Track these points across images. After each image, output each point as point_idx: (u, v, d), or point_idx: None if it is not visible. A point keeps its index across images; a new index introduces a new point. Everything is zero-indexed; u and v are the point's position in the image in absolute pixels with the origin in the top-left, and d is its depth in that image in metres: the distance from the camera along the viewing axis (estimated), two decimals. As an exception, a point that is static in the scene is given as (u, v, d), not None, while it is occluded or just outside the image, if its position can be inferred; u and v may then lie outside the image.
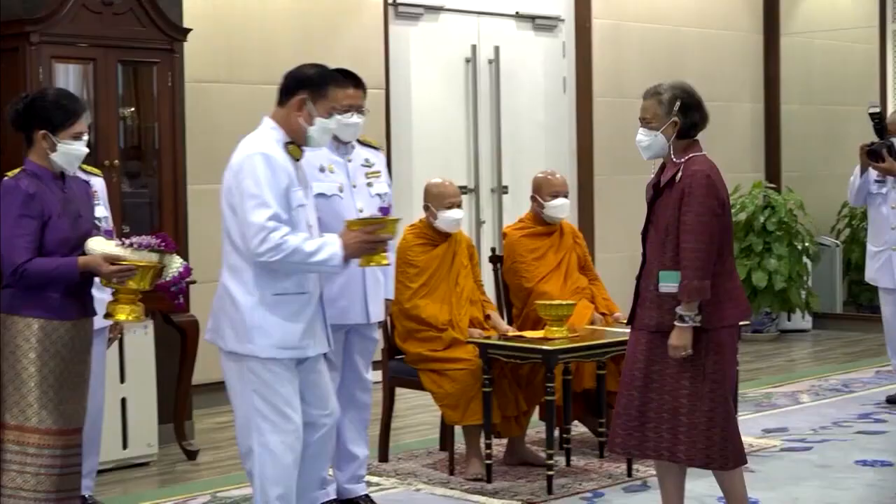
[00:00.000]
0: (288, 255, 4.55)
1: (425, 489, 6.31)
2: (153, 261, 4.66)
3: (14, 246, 4.55)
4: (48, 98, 4.77)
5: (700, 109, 5.01)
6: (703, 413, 4.81)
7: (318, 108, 4.75)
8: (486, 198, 10.26)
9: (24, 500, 4.59)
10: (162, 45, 7.14)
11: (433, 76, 9.90)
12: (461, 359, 6.44)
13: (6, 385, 4.61)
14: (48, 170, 4.70)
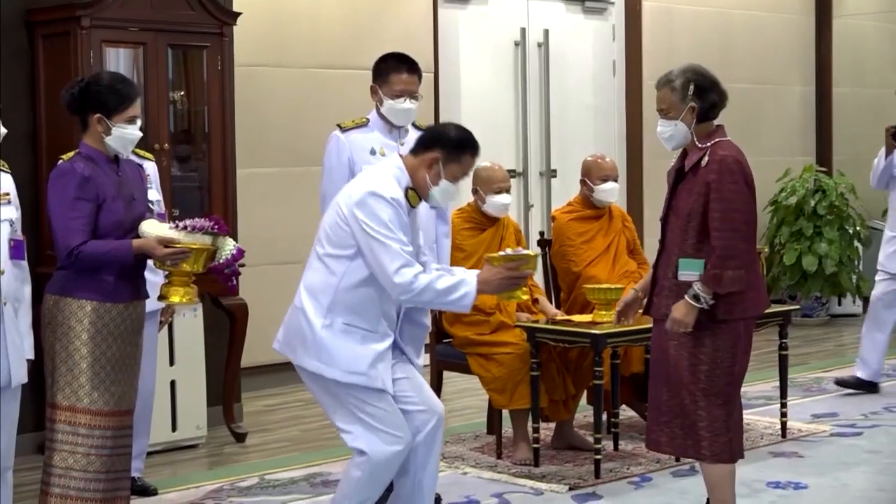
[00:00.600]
0: (417, 294, 4.59)
1: (472, 473, 6.31)
2: (206, 243, 4.66)
3: (69, 228, 4.56)
4: (103, 82, 4.77)
5: (716, 89, 4.89)
6: (720, 406, 4.71)
7: (447, 172, 4.73)
8: (535, 181, 10.24)
9: (74, 479, 4.62)
10: (212, 30, 7.16)
11: (482, 60, 9.88)
12: (509, 343, 6.44)
13: (59, 366, 4.64)
14: (103, 153, 4.71)
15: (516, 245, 6.67)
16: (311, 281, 4.74)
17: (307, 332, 4.67)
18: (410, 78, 5.63)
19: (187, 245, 4.62)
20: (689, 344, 4.71)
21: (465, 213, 6.64)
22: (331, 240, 4.70)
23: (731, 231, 4.64)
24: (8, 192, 4.58)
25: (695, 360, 4.71)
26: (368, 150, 5.59)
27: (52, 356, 4.65)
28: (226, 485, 6.15)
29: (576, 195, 7.06)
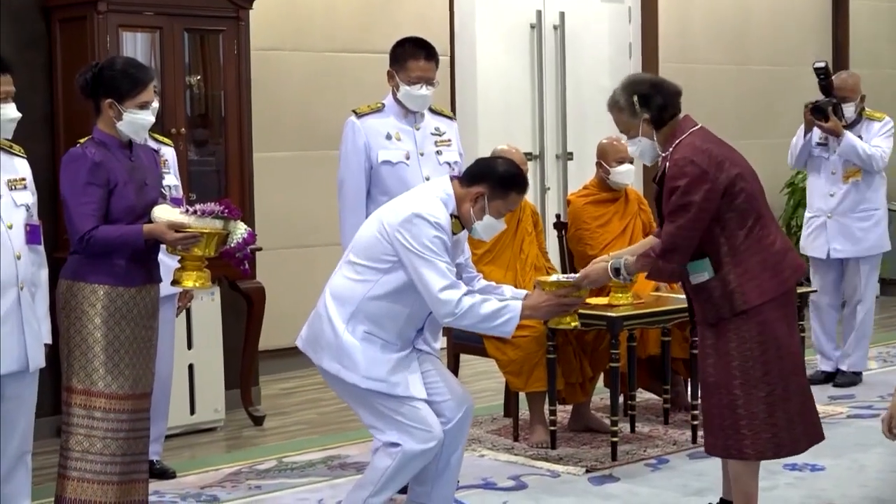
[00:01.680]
0: (460, 317, 4.58)
1: (489, 455, 6.31)
2: (217, 227, 4.64)
3: (81, 214, 4.55)
4: (116, 67, 4.75)
5: (660, 89, 4.72)
6: (762, 400, 4.58)
7: (491, 208, 4.72)
8: (551, 164, 10.23)
9: (91, 462, 4.62)
10: (228, 14, 7.15)
11: (498, 43, 9.86)
12: (525, 325, 6.40)
13: (73, 350, 4.64)
14: (115, 138, 4.70)
15: (532, 227, 6.66)
16: (337, 286, 4.74)
17: (330, 336, 4.68)
18: (428, 64, 5.62)
19: (198, 229, 4.60)
20: (718, 342, 4.62)
21: (482, 197, 6.61)
22: (366, 251, 4.69)
23: (674, 227, 4.52)
24: (24, 177, 4.58)
25: (725, 357, 4.61)
26: (384, 135, 5.59)
27: (67, 340, 4.65)
28: (244, 467, 6.15)
29: (592, 178, 7.04)
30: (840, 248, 7.65)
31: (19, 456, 4.61)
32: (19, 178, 4.56)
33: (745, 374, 4.58)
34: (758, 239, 4.61)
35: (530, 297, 4.71)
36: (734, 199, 4.56)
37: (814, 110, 7.59)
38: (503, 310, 4.61)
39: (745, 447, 4.62)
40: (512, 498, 5.62)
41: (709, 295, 4.60)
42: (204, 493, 5.71)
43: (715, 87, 10.93)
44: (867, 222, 7.64)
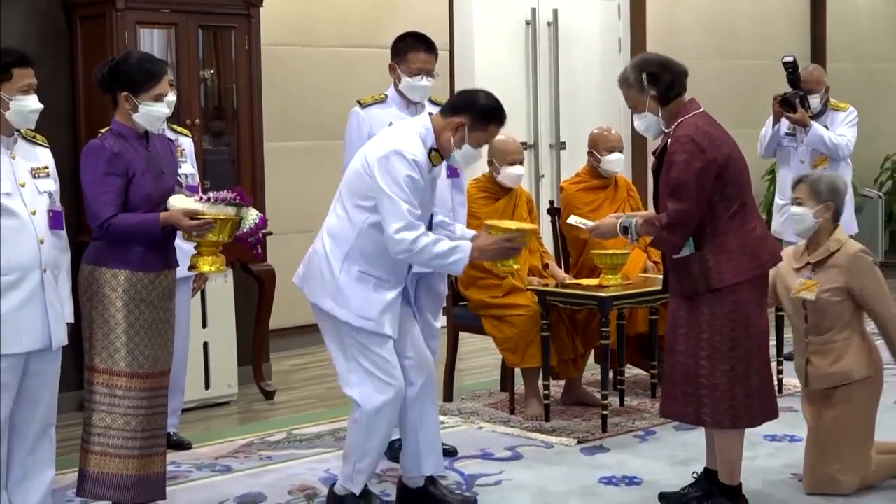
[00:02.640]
0: (414, 254, 4.64)
1: (487, 427, 6.32)
2: (230, 214, 4.64)
3: (100, 202, 4.56)
4: (131, 61, 4.74)
5: (668, 68, 4.72)
6: (724, 373, 4.59)
7: (471, 138, 4.76)
8: (545, 153, 10.23)
9: (112, 437, 4.63)
10: (239, 11, 7.15)
11: (495, 39, 9.85)
12: (521, 305, 6.43)
13: (95, 332, 4.64)
14: (132, 129, 4.69)
15: (527, 213, 6.66)
16: (332, 226, 4.81)
17: (326, 274, 4.74)
18: (427, 57, 5.62)
19: (212, 216, 4.60)
20: (690, 314, 4.64)
21: (480, 183, 6.63)
22: (353, 189, 4.76)
23: (681, 200, 4.53)
24: (47, 166, 4.57)
25: (695, 328, 4.62)
26: (387, 124, 5.58)
27: (90, 322, 4.66)
28: (255, 439, 6.17)
29: (583, 166, 7.04)
30: None
31: (44, 428, 4.61)
32: (42, 166, 4.55)
33: (713, 347, 4.59)
34: (740, 224, 4.61)
35: (478, 239, 4.79)
36: (725, 184, 4.57)
37: (782, 102, 7.62)
38: (454, 250, 4.70)
39: (703, 414, 4.65)
40: (508, 468, 5.63)
41: (687, 270, 4.61)
42: (218, 464, 5.73)
43: (701, 80, 10.84)
44: None
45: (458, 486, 5.36)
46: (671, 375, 4.75)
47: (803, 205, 5.12)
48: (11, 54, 4.46)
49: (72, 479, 5.45)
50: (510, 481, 5.43)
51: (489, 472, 5.55)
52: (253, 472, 5.61)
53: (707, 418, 4.67)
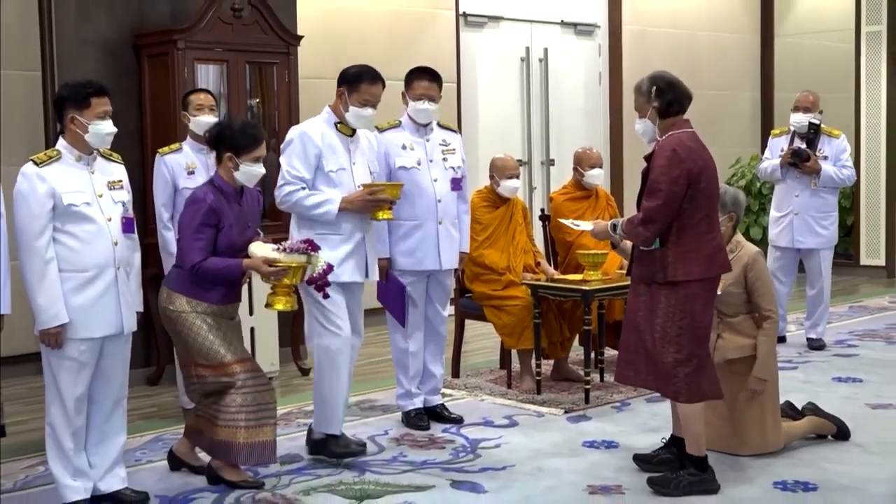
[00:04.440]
0: (291, 205, 5.00)
1: (488, 399, 6.33)
2: (301, 261, 4.66)
3: (193, 247, 4.61)
4: (235, 126, 4.78)
5: (674, 88, 4.66)
6: (671, 354, 4.55)
7: (352, 100, 5.01)
8: (537, 169, 10.22)
9: (232, 414, 4.66)
10: (280, 49, 7.17)
11: (495, 72, 9.85)
12: (516, 296, 6.44)
13: (188, 342, 4.68)
14: (231, 185, 4.73)
15: (523, 219, 6.66)
16: None
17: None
18: (430, 84, 5.61)
19: (287, 263, 4.63)
20: (648, 299, 4.61)
21: (483, 194, 6.63)
22: None
23: (654, 200, 4.48)
24: (121, 179, 4.59)
25: (653, 312, 4.59)
26: (400, 145, 5.59)
27: (177, 336, 4.73)
28: (293, 409, 6.18)
29: (569, 180, 7.03)
30: (803, 239, 7.55)
31: (117, 401, 4.62)
32: (117, 179, 4.57)
33: (664, 331, 4.56)
34: (702, 232, 4.57)
35: (349, 194, 4.99)
36: (696, 193, 4.53)
37: (794, 154, 7.38)
38: (325, 202, 4.97)
39: (649, 382, 4.67)
40: (506, 433, 5.63)
41: (651, 261, 4.59)
42: (262, 429, 5.74)
43: (668, 107, 10.90)
44: (827, 220, 7.55)
45: (464, 449, 5.36)
46: (632, 347, 4.69)
47: None
48: (91, 86, 4.47)
49: (139, 442, 5.49)
50: (508, 444, 5.43)
51: (490, 437, 5.55)
52: (291, 436, 5.61)
53: (652, 385, 4.69)
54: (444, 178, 5.64)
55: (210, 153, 5.95)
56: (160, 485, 4.85)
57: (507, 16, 9.91)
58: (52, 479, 4.56)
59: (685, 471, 4.67)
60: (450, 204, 5.65)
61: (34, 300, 4.33)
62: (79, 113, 4.41)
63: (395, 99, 5.74)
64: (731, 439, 5.11)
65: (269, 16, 7.08)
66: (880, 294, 9.96)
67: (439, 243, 5.63)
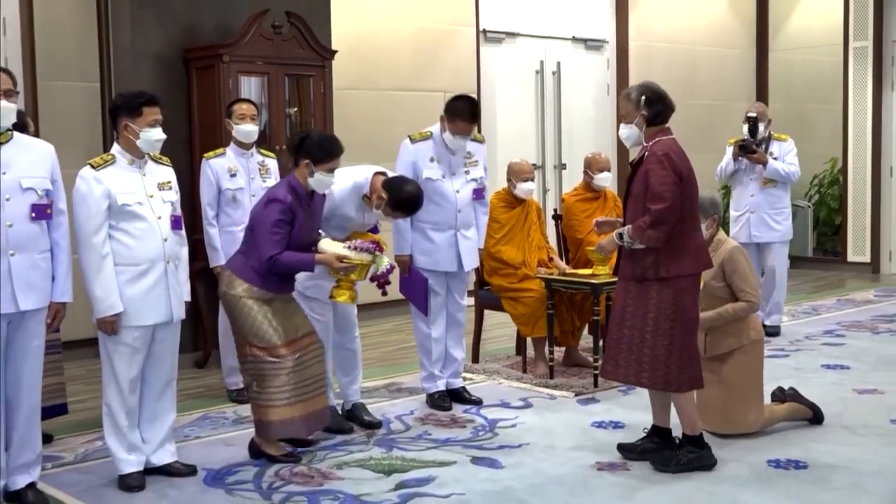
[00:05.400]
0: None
1: (505, 383, 6.31)
2: (368, 260, 4.67)
3: (270, 241, 4.60)
4: (314, 137, 4.79)
5: (662, 100, 4.57)
6: (664, 346, 4.48)
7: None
8: (550, 172, 10.18)
9: (285, 391, 4.66)
10: (316, 63, 7.17)
11: (512, 84, 9.81)
12: (531, 289, 6.41)
13: (243, 323, 4.68)
14: (304, 189, 4.73)
15: (536, 218, 6.62)
16: None
17: None
18: (471, 125, 5.50)
19: (355, 261, 4.63)
20: (640, 296, 4.52)
21: (500, 195, 6.60)
22: None
23: (661, 201, 4.40)
24: (170, 181, 4.59)
25: (644, 307, 4.50)
26: (429, 157, 5.54)
27: (234, 318, 4.71)
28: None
29: (580, 182, 7.00)
30: (759, 234, 7.58)
31: (167, 382, 4.63)
32: (166, 181, 4.57)
33: (657, 324, 4.48)
34: (686, 231, 4.50)
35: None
36: (683, 196, 4.47)
37: (741, 148, 7.46)
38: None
39: (642, 377, 4.55)
40: (522, 414, 5.61)
41: (641, 259, 4.51)
42: (299, 409, 5.73)
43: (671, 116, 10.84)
44: (780, 216, 7.60)
45: (483, 428, 5.34)
46: (616, 345, 4.61)
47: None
48: (143, 96, 4.48)
49: (188, 420, 5.50)
50: (523, 424, 5.41)
51: (507, 417, 5.53)
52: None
53: (645, 380, 4.57)
54: (466, 189, 5.61)
55: (251, 157, 6.00)
56: (207, 458, 4.85)
57: (523, 32, 9.87)
58: (109, 453, 4.58)
59: (684, 448, 4.62)
60: (468, 213, 5.63)
61: (92, 291, 4.34)
62: (131, 121, 4.41)
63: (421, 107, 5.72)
64: (719, 420, 5.05)
65: (306, 32, 7.07)
66: (866, 288, 9.89)
67: (459, 249, 5.60)
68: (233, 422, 5.53)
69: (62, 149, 4.58)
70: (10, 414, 4.22)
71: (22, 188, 4.10)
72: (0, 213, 4.05)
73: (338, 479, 4.57)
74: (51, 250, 4.22)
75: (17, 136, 4.20)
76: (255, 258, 4.68)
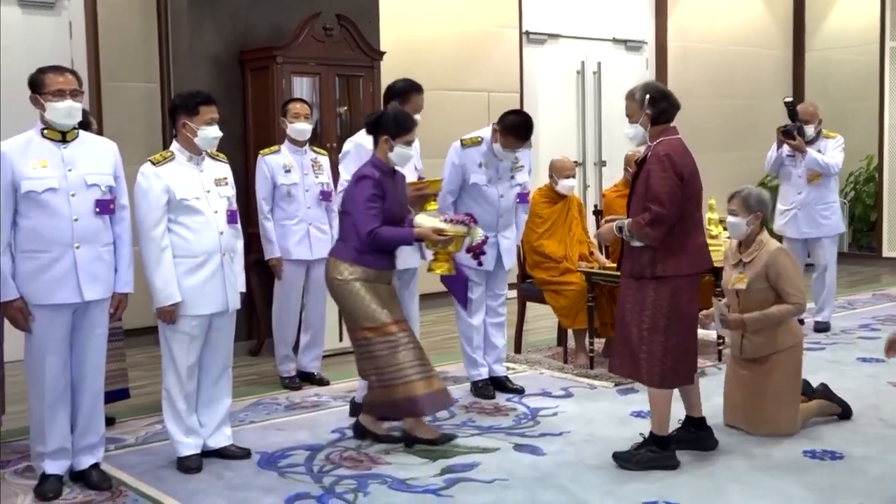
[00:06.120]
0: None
1: (547, 373, 6.28)
2: (464, 231, 4.66)
3: (367, 217, 4.59)
4: (390, 113, 4.80)
5: (667, 99, 4.45)
6: (660, 343, 4.36)
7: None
8: (591, 169, 10.12)
9: (399, 369, 4.62)
10: (366, 64, 7.17)
11: (553, 84, 9.77)
12: (572, 282, 6.38)
13: (352, 306, 4.66)
14: (386, 165, 4.73)
15: (578, 214, 6.59)
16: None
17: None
18: (522, 143, 5.46)
19: (452, 233, 4.62)
20: (638, 293, 4.40)
21: (543, 191, 6.58)
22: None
23: (660, 204, 4.27)
24: (226, 177, 4.61)
25: (641, 305, 4.38)
26: (477, 163, 5.50)
27: (343, 302, 4.70)
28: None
29: (620, 179, 6.95)
30: (808, 230, 7.48)
31: (223, 369, 4.66)
32: (222, 177, 4.59)
33: (653, 322, 4.36)
34: (687, 231, 4.37)
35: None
36: (684, 196, 4.33)
37: (784, 133, 7.42)
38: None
39: (641, 373, 4.43)
40: (563, 403, 5.59)
41: (640, 257, 4.39)
42: (348, 395, 5.74)
43: (709, 115, 10.75)
44: (828, 211, 7.47)
45: (525, 416, 5.32)
46: (618, 340, 4.52)
47: (737, 215, 4.92)
48: (200, 95, 4.51)
49: (243, 405, 5.53)
50: (564, 413, 5.39)
51: (548, 406, 5.51)
52: (374, 402, 5.61)
53: (643, 377, 4.45)
54: (510, 194, 5.58)
55: (305, 153, 6.02)
56: (260, 442, 4.88)
57: (564, 34, 9.82)
58: (168, 436, 4.62)
59: (646, 448, 4.50)
60: (509, 216, 5.60)
61: (152, 282, 4.38)
62: (189, 119, 4.44)
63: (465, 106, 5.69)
64: (754, 420, 4.92)
65: (356, 34, 7.08)
66: (900, 283, 9.72)
67: (500, 249, 5.59)
68: (285, 408, 5.56)
69: (124, 146, 4.62)
70: (76, 397, 4.28)
71: (87, 184, 4.15)
72: (67, 208, 4.10)
73: (385, 463, 4.58)
74: (113, 243, 4.27)
75: (82, 134, 4.25)
76: (354, 239, 4.65)
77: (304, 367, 6.11)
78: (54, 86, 4.08)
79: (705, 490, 4.21)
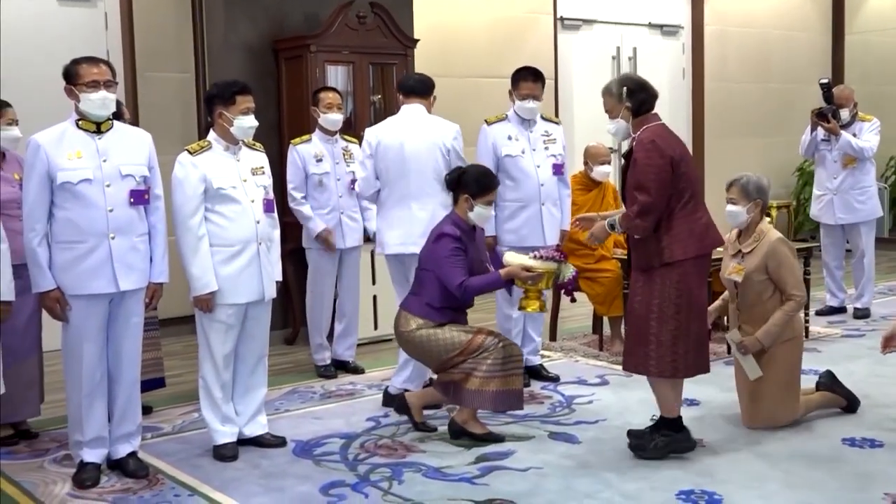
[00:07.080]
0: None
1: (582, 360, 6.26)
2: (553, 268, 4.59)
3: (454, 271, 4.57)
4: (472, 172, 4.77)
5: (644, 89, 4.34)
6: (670, 332, 4.26)
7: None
8: (626, 155, 10.05)
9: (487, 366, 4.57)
10: (399, 51, 7.15)
11: (589, 70, 9.69)
12: (607, 269, 6.34)
13: (430, 349, 4.62)
14: (465, 223, 4.71)
15: (613, 200, 6.54)
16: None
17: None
18: (534, 84, 5.50)
19: (541, 270, 4.56)
20: (645, 283, 4.31)
21: (578, 178, 6.54)
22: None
23: (646, 193, 4.18)
24: (263, 166, 4.62)
25: (650, 295, 4.29)
26: (506, 136, 5.53)
27: (420, 352, 4.70)
28: (411, 367, 6.17)
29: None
30: (843, 216, 7.37)
31: (259, 357, 4.67)
32: (259, 166, 4.60)
33: (661, 311, 4.26)
34: (690, 213, 4.26)
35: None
36: (678, 179, 4.23)
37: (818, 115, 7.31)
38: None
39: (650, 366, 4.33)
40: (598, 391, 5.56)
41: (646, 247, 4.30)
42: (383, 384, 5.75)
43: (745, 99, 10.63)
44: (863, 196, 7.35)
45: (561, 404, 5.29)
46: (627, 335, 4.44)
47: (737, 203, 4.81)
48: (236, 85, 4.51)
49: (278, 394, 5.56)
50: (600, 401, 5.36)
51: (584, 394, 5.49)
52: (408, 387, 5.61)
53: (653, 369, 4.34)
54: (546, 164, 5.56)
55: (336, 142, 6.01)
56: (296, 430, 4.90)
57: (599, 19, 9.74)
58: (205, 424, 4.65)
59: (660, 433, 4.43)
60: (551, 188, 5.57)
61: (188, 271, 4.40)
62: (225, 109, 4.45)
63: (500, 93, 5.67)
64: (749, 413, 4.82)
65: (389, 22, 7.06)
66: (941, 268, 9.57)
67: (543, 222, 5.56)
68: (320, 396, 5.58)
69: (159, 136, 4.64)
70: (112, 386, 4.31)
71: (121, 175, 4.17)
72: (102, 198, 4.12)
73: (420, 451, 4.58)
74: (148, 233, 4.29)
75: (116, 125, 4.27)
76: (427, 295, 4.65)
77: (339, 355, 6.12)
78: (88, 77, 4.10)
79: (743, 478, 4.16)
